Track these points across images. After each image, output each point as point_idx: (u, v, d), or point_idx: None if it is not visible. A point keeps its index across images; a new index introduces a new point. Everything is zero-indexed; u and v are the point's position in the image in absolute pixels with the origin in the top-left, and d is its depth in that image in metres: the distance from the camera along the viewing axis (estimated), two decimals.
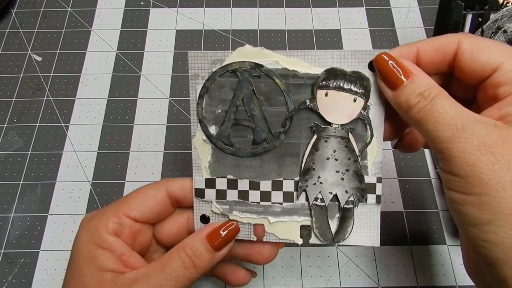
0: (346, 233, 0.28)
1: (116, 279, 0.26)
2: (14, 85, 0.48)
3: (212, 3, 0.55)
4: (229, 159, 0.29)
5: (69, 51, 0.51)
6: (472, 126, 0.22)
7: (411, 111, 0.24)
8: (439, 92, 0.23)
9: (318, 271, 0.39)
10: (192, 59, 0.28)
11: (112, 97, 0.48)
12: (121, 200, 0.29)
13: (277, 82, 0.28)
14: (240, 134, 0.29)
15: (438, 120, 0.23)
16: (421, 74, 0.25)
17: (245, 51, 0.28)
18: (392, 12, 0.54)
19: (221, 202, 0.29)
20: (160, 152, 0.45)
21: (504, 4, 0.38)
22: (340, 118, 0.28)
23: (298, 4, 0.54)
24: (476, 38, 0.25)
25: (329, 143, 0.28)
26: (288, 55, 0.27)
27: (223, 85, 0.28)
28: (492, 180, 0.21)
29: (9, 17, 0.53)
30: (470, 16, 0.37)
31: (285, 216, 0.29)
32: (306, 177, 0.28)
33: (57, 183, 0.43)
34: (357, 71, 0.27)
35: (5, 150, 0.45)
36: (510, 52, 0.24)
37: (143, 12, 0.54)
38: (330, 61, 0.27)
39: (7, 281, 0.38)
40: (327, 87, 0.27)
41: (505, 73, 0.23)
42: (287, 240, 0.29)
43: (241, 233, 0.29)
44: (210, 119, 0.29)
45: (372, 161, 0.28)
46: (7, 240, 0.40)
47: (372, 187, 0.28)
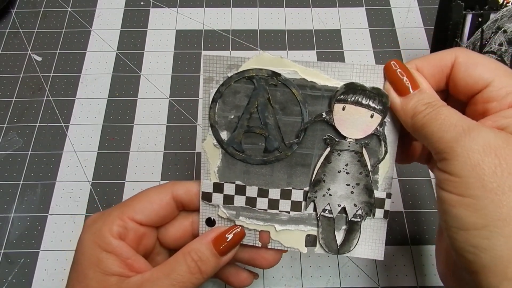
0: (352, 245, 0.29)
1: (121, 284, 0.26)
2: (14, 85, 0.48)
3: (212, 3, 0.55)
4: (239, 165, 0.29)
5: (69, 51, 0.51)
6: (478, 128, 0.22)
7: (416, 117, 0.24)
8: (445, 104, 0.24)
9: (318, 271, 0.39)
10: (206, 62, 0.28)
11: (112, 97, 0.48)
12: (126, 203, 0.29)
13: (294, 92, 0.27)
14: (252, 141, 0.29)
15: (443, 122, 0.23)
16: (428, 87, 0.25)
17: (263, 58, 0.27)
18: (392, 12, 0.54)
19: (228, 207, 0.29)
20: (160, 152, 0.45)
21: (504, 4, 0.38)
22: (355, 133, 0.28)
23: (298, 4, 0.54)
24: (472, 53, 0.26)
25: (342, 157, 0.28)
26: (307, 66, 0.27)
27: (238, 91, 0.28)
28: (493, 183, 0.20)
29: (9, 17, 0.53)
30: (470, 16, 0.37)
31: (291, 224, 0.29)
32: (316, 188, 0.28)
33: (57, 183, 0.43)
34: (377, 88, 0.27)
35: (5, 150, 0.45)
36: (503, 70, 0.24)
37: (143, 12, 0.54)
38: (350, 74, 0.27)
39: (7, 281, 0.38)
40: (345, 101, 0.27)
41: (496, 89, 0.24)
42: (292, 248, 0.29)
43: (246, 239, 0.29)
44: (222, 124, 0.28)
45: (383, 176, 0.28)
46: (7, 240, 0.40)
47: (381, 202, 0.28)
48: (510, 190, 0.20)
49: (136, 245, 0.28)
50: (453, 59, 0.25)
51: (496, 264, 0.20)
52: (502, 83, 0.24)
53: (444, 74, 0.26)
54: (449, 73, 0.26)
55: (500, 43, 0.36)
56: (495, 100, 0.24)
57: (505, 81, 0.24)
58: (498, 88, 0.24)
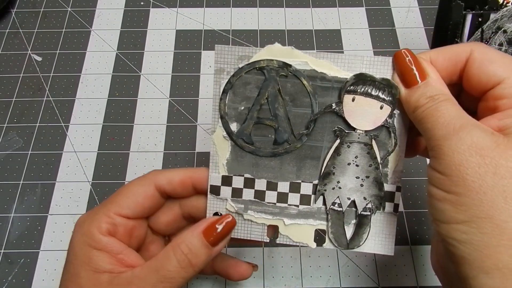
0: (361, 240, 0.28)
1: (112, 281, 0.26)
2: (14, 85, 0.48)
3: (212, 3, 0.55)
4: (248, 158, 0.29)
5: (69, 51, 0.51)
6: (469, 128, 0.22)
7: (417, 110, 0.25)
8: (448, 98, 0.24)
9: (318, 271, 0.39)
10: (218, 53, 0.28)
11: (112, 97, 0.48)
12: (111, 199, 0.29)
13: (304, 83, 0.27)
14: (261, 133, 0.28)
15: (437, 119, 0.23)
16: (436, 78, 0.25)
17: (274, 49, 0.27)
18: (392, 12, 0.54)
19: (236, 200, 0.29)
20: (160, 152, 0.45)
21: (504, 4, 0.38)
22: (365, 124, 0.27)
23: (298, 4, 0.54)
24: (488, 48, 0.25)
25: (352, 149, 0.28)
26: (317, 57, 0.27)
27: (249, 82, 0.28)
28: (475, 182, 0.21)
29: (9, 17, 0.53)
30: (470, 16, 0.37)
31: (300, 219, 0.29)
32: (326, 181, 0.28)
33: (57, 183, 0.43)
34: (387, 79, 0.26)
35: (5, 150, 0.45)
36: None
37: (143, 12, 0.54)
38: (360, 66, 0.27)
39: (7, 281, 0.38)
40: (354, 92, 0.27)
41: (508, 87, 0.24)
42: (301, 243, 0.29)
43: (253, 234, 0.29)
44: (232, 116, 0.28)
45: (393, 170, 0.28)
46: (7, 240, 0.40)
47: (391, 195, 0.28)
48: (492, 190, 0.21)
49: (127, 239, 0.28)
50: (468, 54, 0.25)
51: (473, 257, 0.21)
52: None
53: (458, 68, 0.26)
54: (463, 68, 0.25)
55: (500, 43, 0.36)
56: (506, 97, 0.24)
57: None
58: (510, 86, 0.24)
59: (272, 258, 0.39)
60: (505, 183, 0.21)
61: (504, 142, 0.22)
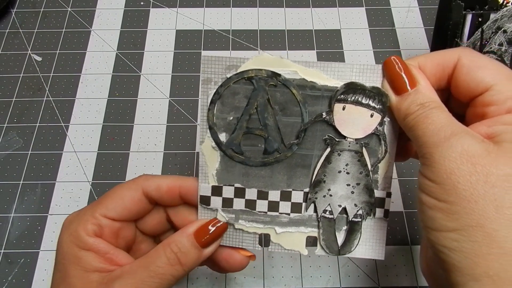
0: (353, 246, 0.29)
1: (102, 279, 0.26)
2: (14, 85, 0.48)
3: (212, 3, 0.55)
4: (238, 168, 0.29)
5: (69, 51, 0.51)
6: (459, 135, 0.22)
7: (408, 118, 0.25)
8: (439, 105, 0.24)
9: (318, 271, 0.39)
10: (205, 63, 0.27)
11: (112, 97, 0.48)
12: (99, 200, 0.29)
13: (294, 93, 0.27)
14: (251, 143, 0.28)
15: (428, 127, 0.23)
16: (426, 85, 0.25)
17: (263, 58, 0.27)
18: (392, 12, 0.54)
19: (227, 210, 0.29)
20: (160, 152, 0.45)
21: (504, 4, 0.38)
22: (355, 133, 0.27)
23: (298, 4, 0.54)
24: (476, 54, 0.25)
25: (342, 157, 0.28)
26: (307, 66, 0.27)
27: (237, 92, 0.28)
28: (466, 191, 0.21)
29: (9, 17, 0.53)
30: (470, 16, 0.37)
31: (292, 226, 0.29)
32: (316, 189, 0.28)
33: (57, 183, 0.43)
34: (377, 87, 0.27)
35: (5, 150, 0.45)
36: (506, 74, 0.24)
37: (143, 12, 0.54)
38: (349, 74, 0.27)
39: (7, 281, 0.38)
40: (345, 100, 0.27)
41: (497, 93, 0.24)
42: (293, 250, 0.29)
43: (245, 242, 0.29)
44: (221, 126, 0.28)
45: (383, 176, 0.28)
46: (7, 240, 0.40)
47: (381, 201, 0.28)
48: (483, 199, 0.21)
49: (114, 240, 0.28)
50: (456, 59, 0.25)
51: (464, 265, 0.21)
52: (503, 88, 0.24)
53: (446, 73, 0.26)
54: (451, 73, 0.26)
55: (500, 43, 0.36)
56: (495, 104, 0.24)
57: (506, 85, 0.24)
58: (498, 93, 0.24)
59: (272, 258, 0.39)
60: (496, 191, 0.21)
61: (494, 150, 0.22)
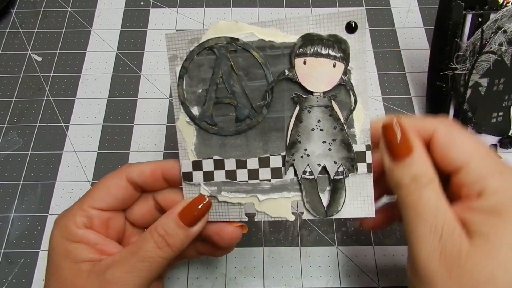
0: (339, 205, 0.28)
1: (92, 268, 0.26)
2: (14, 85, 0.48)
3: (212, 3, 0.55)
4: (214, 139, 0.28)
5: (69, 51, 0.51)
6: (443, 232, 0.23)
7: (400, 190, 0.25)
8: (430, 182, 0.24)
9: (318, 271, 0.39)
10: (169, 41, 0.27)
11: (112, 97, 0.48)
12: (85, 194, 0.29)
13: (255, 55, 0.27)
14: (222, 113, 0.28)
15: (420, 213, 0.24)
16: (421, 154, 0.25)
17: (220, 26, 0.27)
18: (392, 12, 0.54)
19: (209, 184, 0.29)
20: (160, 152, 0.45)
21: (504, 4, 0.38)
22: (321, 86, 0.27)
23: (298, 4, 0.54)
24: (451, 128, 0.25)
25: (313, 113, 0.27)
26: (263, 26, 0.27)
27: (202, 63, 0.28)
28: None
29: (9, 17, 0.53)
30: (470, 16, 0.37)
31: (274, 193, 0.28)
32: (293, 150, 0.28)
33: (57, 183, 0.43)
34: (334, 34, 0.26)
35: (5, 150, 0.45)
36: (479, 152, 0.24)
37: (143, 12, 0.54)
38: (306, 27, 0.26)
39: (7, 281, 0.38)
40: (304, 54, 0.26)
41: (467, 174, 0.24)
42: (279, 217, 0.29)
43: (231, 214, 0.29)
44: (192, 100, 0.28)
45: (360, 129, 0.27)
46: (7, 240, 0.40)
47: (362, 155, 0.27)
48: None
49: (104, 230, 0.29)
50: (432, 132, 0.25)
51: None
52: (475, 168, 0.24)
53: (425, 142, 0.26)
54: (429, 143, 0.26)
55: (500, 43, 0.36)
56: (466, 185, 0.24)
57: (478, 166, 0.24)
58: (469, 173, 0.24)
59: (272, 258, 0.39)
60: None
61: (470, 252, 0.22)
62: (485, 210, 0.23)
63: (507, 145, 0.41)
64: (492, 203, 0.23)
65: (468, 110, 0.40)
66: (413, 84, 0.49)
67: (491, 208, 0.23)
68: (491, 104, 0.40)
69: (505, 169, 0.24)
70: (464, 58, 0.38)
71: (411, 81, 0.49)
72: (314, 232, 0.40)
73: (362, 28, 0.26)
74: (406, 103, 0.47)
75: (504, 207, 0.22)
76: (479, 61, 0.38)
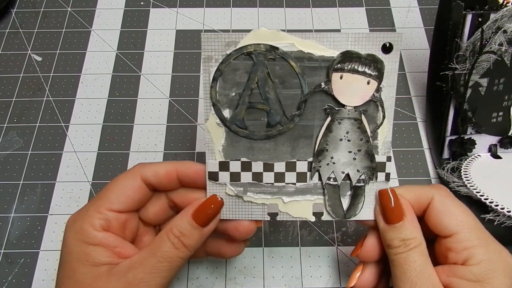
0: (357, 209, 0.30)
1: (111, 270, 0.26)
2: (14, 85, 0.48)
3: (212, 3, 0.55)
4: (243, 142, 0.29)
5: (69, 51, 0.51)
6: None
7: (390, 250, 0.28)
8: (418, 245, 0.27)
9: (318, 271, 0.39)
10: (205, 41, 0.28)
11: (112, 97, 0.48)
12: (100, 196, 0.29)
13: (292, 65, 0.28)
14: (254, 117, 0.29)
15: (405, 272, 0.27)
16: (411, 220, 0.28)
17: (260, 33, 0.27)
18: (392, 12, 0.54)
19: (235, 184, 0.30)
20: (160, 152, 0.45)
21: (504, 4, 0.38)
22: (353, 100, 0.28)
23: (298, 4, 0.54)
24: (447, 198, 0.29)
25: (343, 125, 0.29)
26: (303, 38, 0.27)
27: (238, 68, 0.28)
28: None
29: (9, 17, 0.53)
30: (470, 16, 0.37)
31: (298, 195, 0.30)
32: (320, 157, 0.29)
33: (57, 183, 0.43)
34: (372, 54, 0.27)
35: (5, 150, 0.45)
36: (469, 224, 0.27)
37: (143, 12, 0.54)
38: (345, 43, 0.27)
39: (7, 281, 0.38)
40: (342, 69, 0.28)
41: (457, 242, 0.27)
42: (300, 218, 0.30)
43: (254, 214, 0.30)
44: (224, 103, 0.29)
45: (383, 141, 0.29)
46: (7, 240, 0.40)
47: (382, 165, 0.30)
48: None
49: (122, 232, 0.29)
50: (430, 199, 0.29)
51: None
52: (464, 237, 0.27)
53: (422, 208, 0.29)
54: (426, 209, 0.29)
55: (500, 43, 0.36)
56: (454, 251, 0.27)
57: (467, 236, 0.27)
58: (458, 241, 0.27)
59: (272, 258, 0.39)
60: None
61: None
62: (470, 278, 0.26)
63: (507, 145, 0.41)
64: (476, 272, 0.26)
65: (468, 110, 0.40)
66: (413, 84, 0.49)
67: (475, 276, 0.26)
68: (491, 104, 0.40)
69: (490, 241, 0.27)
70: (464, 58, 0.38)
71: (411, 81, 0.49)
72: (314, 232, 0.40)
73: (397, 49, 0.27)
74: (406, 103, 0.47)
75: (487, 277, 0.26)
76: (479, 61, 0.38)
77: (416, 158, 0.44)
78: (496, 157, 0.41)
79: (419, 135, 0.45)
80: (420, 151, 0.45)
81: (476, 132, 0.41)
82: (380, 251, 0.30)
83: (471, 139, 0.41)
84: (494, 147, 0.41)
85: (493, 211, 0.35)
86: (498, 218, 0.35)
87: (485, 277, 0.26)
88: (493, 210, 0.35)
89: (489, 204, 0.35)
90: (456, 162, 0.41)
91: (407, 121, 0.46)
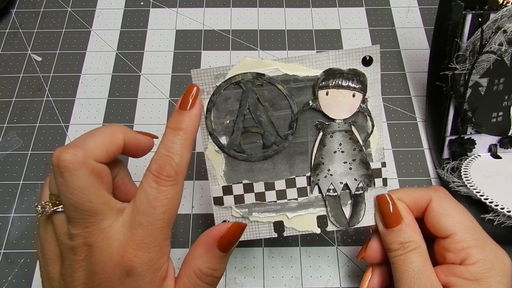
0: (360, 216, 0.31)
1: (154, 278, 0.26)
2: (14, 85, 0.48)
3: (212, 3, 0.55)
4: (243, 165, 0.31)
5: (69, 51, 0.51)
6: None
7: (390, 252, 0.29)
8: (416, 247, 0.28)
9: (318, 271, 0.39)
10: (195, 77, 0.29)
11: (112, 97, 0.48)
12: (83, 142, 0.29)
13: (280, 88, 0.29)
14: (250, 141, 0.30)
15: (403, 273, 0.28)
16: (410, 223, 0.29)
17: (246, 62, 0.29)
18: (392, 12, 0.54)
19: (240, 206, 0.31)
20: None
21: (504, 4, 0.38)
22: (342, 114, 0.30)
23: (298, 4, 0.54)
24: (444, 199, 0.29)
25: (335, 138, 0.30)
26: (287, 62, 0.29)
27: (229, 97, 0.29)
28: None
29: (9, 17, 0.53)
30: (470, 16, 0.37)
31: (301, 210, 0.31)
32: (317, 171, 0.30)
33: None
34: (353, 69, 0.29)
35: (5, 150, 0.45)
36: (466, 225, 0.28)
37: (143, 12, 0.54)
38: (327, 61, 0.29)
39: (7, 281, 0.38)
40: (327, 86, 0.29)
41: (454, 242, 0.28)
42: (306, 231, 0.31)
43: (261, 233, 0.31)
44: (220, 130, 0.30)
45: (375, 148, 0.31)
46: (7, 240, 0.40)
47: (378, 172, 0.31)
48: None
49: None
50: (429, 201, 0.29)
51: None
52: (461, 238, 0.28)
53: (421, 210, 0.30)
54: (425, 210, 0.30)
55: (500, 43, 0.36)
56: (451, 251, 0.28)
57: (464, 236, 0.28)
58: (456, 242, 0.28)
59: (272, 258, 0.39)
60: None
61: None
62: (467, 277, 0.27)
63: (507, 145, 0.41)
64: (473, 271, 0.27)
65: (468, 110, 0.40)
66: (413, 84, 0.49)
67: (473, 275, 0.27)
68: (491, 104, 0.40)
69: (486, 241, 0.28)
70: (464, 58, 0.38)
71: (411, 81, 0.49)
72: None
73: (376, 61, 0.29)
74: (406, 103, 0.47)
75: (484, 275, 0.27)
76: (479, 61, 0.38)
77: (416, 158, 0.44)
78: (496, 157, 0.41)
79: (419, 135, 0.45)
80: (420, 151, 0.45)
81: (476, 132, 0.41)
82: (384, 253, 0.31)
83: (471, 139, 0.41)
84: (494, 147, 0.41)
85: (493, 211, 0.35)
86: (498, 218, 0.35)
87: (482, 276, 0.27)
88: (493, 210, 0.35)
89: (489, 204, 0.35)
90: (456, 162, 0.41)
91: (407, 121, 0.46)
